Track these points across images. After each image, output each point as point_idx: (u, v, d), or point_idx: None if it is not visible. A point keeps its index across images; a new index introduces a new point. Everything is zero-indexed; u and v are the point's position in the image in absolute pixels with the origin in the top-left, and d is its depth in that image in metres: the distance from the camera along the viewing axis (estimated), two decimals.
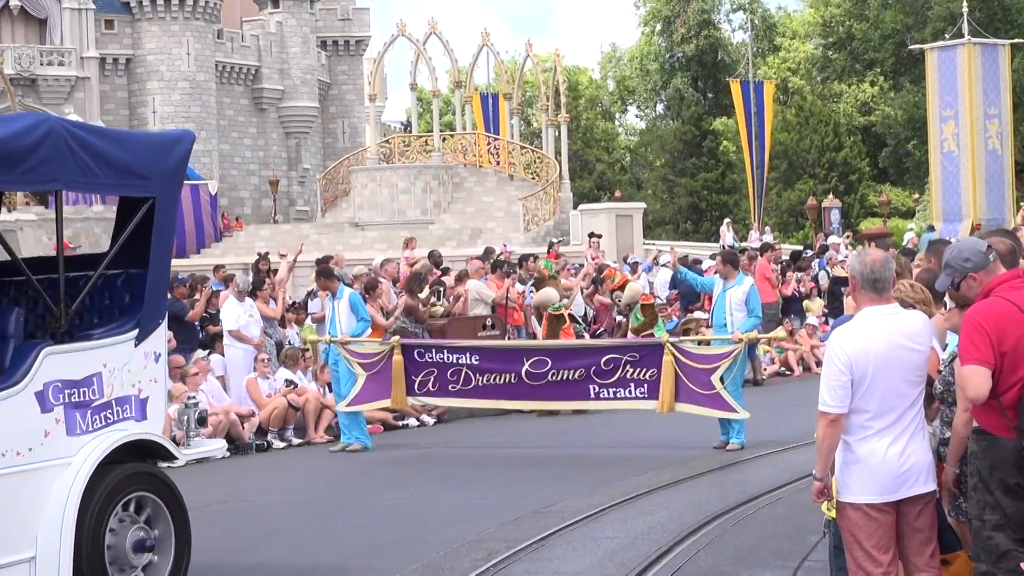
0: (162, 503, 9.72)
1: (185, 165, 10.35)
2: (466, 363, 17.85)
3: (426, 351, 18.13)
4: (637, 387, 17.14)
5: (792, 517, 12.53)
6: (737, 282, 17.77)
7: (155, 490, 9.70)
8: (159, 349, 10.08)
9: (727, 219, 56.63)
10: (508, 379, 17.67)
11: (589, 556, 11.37)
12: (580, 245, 39.53)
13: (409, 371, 17.98)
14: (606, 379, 17.23)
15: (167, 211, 9.97)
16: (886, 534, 7.17)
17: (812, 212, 58.60)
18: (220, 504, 15.09)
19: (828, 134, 77.32)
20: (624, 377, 17.15)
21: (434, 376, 17.90)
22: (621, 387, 17.19)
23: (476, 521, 12.99)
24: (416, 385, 17.99)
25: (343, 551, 12.10)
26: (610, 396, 17.32)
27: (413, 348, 18.29)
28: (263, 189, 68.94)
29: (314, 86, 73.60)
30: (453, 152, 53.05)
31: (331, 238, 47.87)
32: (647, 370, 17.05)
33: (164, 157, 9.97)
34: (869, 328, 7.16)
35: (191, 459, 11.84)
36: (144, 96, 65.83)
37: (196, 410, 10.87)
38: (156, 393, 10.03)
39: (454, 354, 17.93)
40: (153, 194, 9.82)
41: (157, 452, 10.04)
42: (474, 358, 17.84)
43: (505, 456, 17.80)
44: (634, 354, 17.26)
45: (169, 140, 10.28)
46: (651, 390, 17.06)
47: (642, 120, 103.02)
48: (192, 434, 10.86)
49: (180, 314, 20.63)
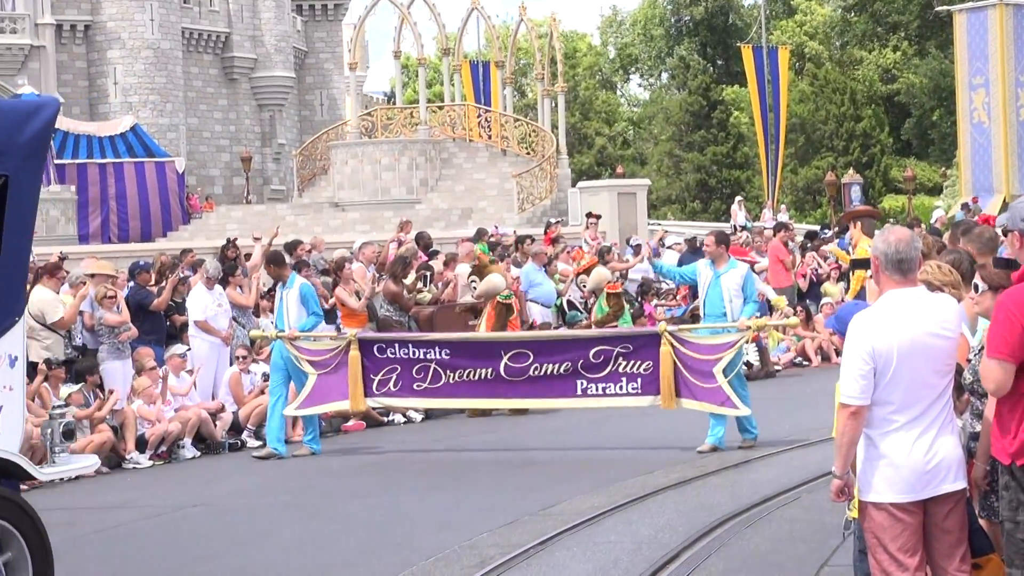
0: (13, 528, 9.19)
1: (48, 138, 9.84)
2: (435, 358, 17.48)
3: (388, 346, 17.75)
4: (630, 382, 16.88)
5: (810, 519, 12.55)
6: (731, 266, 17.19)
7: (5, 514, 9.16)
8: (15, 351, 9.45)
9: (739, 197, 56.66)
10: (484, 375, 17.37)
11: (591, 562, 11.39)
12: (579, 226, 39.51)
13: (368, 369, 17.59)
14: (595, 373, 16.93)
15: (25, 191, 9.41)
16: (912, 536, 7.18)
17: (831, 189, 58.61)
18: (190, 508, 15.14)
19: (845, 103, 77.30)
20: (615, 371, 16.87)
21: (397, 374, 17.54)
22: (612, 382, 16.93)
23: (468, 525, 13.01)
24: (375, 384, 17.61)
25: (323, 558, 12.12)
26: (599, 392, 17.03)
27: (373, 343, 17.91)
28: (235, 167, 68.87)
29: (289, 54, 73.51)
30: (441, 125, 53.04)
31: (309, 219, 47.87)
32: (641, 363, 16.78)
33: (20, 129, 9.38)
34: (893, 313, 7.16)
35: (56, 478, 11.26)
36: (104, 66, 65.71)
37: (62, 422, 10.23)
38: (12, 403, 9.39)
39: (421, 348, 17.57)
40: (6, 172, 9.27)
41: (11, 471, 9.48)
42: (444, 352, 17.49)
43: (498, 455, 17.77)
44: (627, 345, 16.95)
45: (27, 109, 9.67)
46: (645, 385, 16.81)
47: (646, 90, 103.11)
48: (57, 449, 10.19)
49: (145, 303, 20.61)
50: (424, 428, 20.52)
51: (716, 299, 17.08)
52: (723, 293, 16.99)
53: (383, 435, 20.04)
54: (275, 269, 18.56)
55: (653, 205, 70.11)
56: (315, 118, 75.02)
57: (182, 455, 18.54)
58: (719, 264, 17.15)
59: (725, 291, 16.98)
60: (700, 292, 17.47)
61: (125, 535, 13.89)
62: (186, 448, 18.68)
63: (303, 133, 72.01)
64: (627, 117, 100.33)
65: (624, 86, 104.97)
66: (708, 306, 17.29)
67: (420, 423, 20.81)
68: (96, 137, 52.13)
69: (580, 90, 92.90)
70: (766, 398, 22.89)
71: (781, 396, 22.91)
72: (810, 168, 76.77)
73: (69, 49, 65.67)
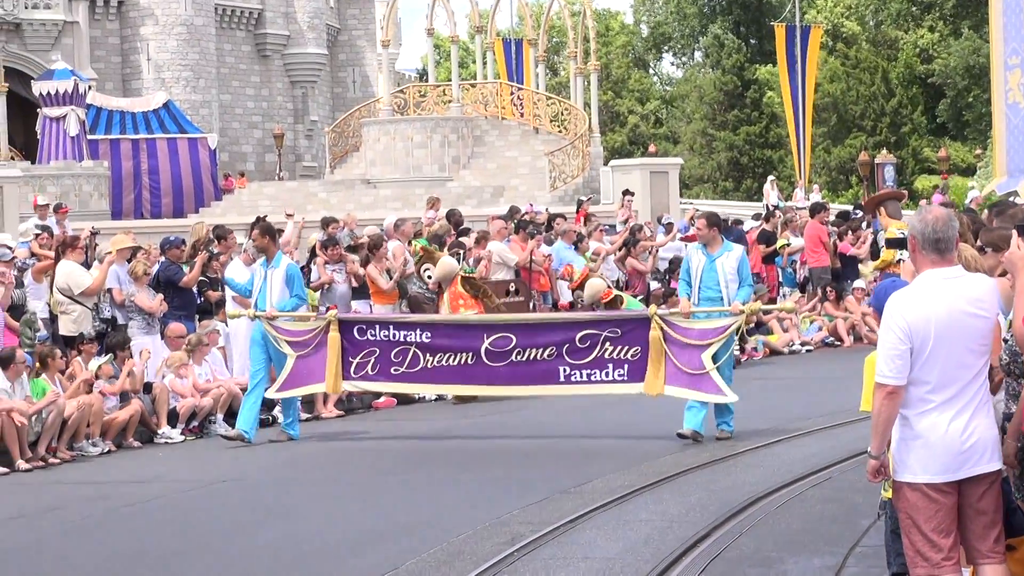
0: None
1: None
2: (414, 341, 16.97)
3: (368, 327, 17.27)
4: (616, 368, 16.33)
5: (842, 499, 12.53)
6: (726, 248, 16.49)
7: None
8: None
9: (771, 176, 56.50)
10: (464, 359, 16.84)
11: (621, 540, 11.38)
12: (611, 204, 39.44)
13: (347, 351, 17.11)
14: (580, 359, 16.38)
15: None
16: (947, 516, 7.14)
17: (864, 169, 58.37)
18: (221, 483, 15.18)
19: (877, 83, 76.98)
20: (602, 356, 16.31)
21: (375, 356, 17.05)
22: (598, 368, 16.37)
23: (498, 503, 13.01)
24: (353, 368, 17.12)
25: (354, 533, 12.14)
26: (583, 379, 16.46)
27: (353, 324, 17.43)
28: (267, 143, 68.91)
29: (322, 31, 73.48)
30: (473, 103, 52.95)
31: (341, 196, 47.87)
32: (629, 348, 16.24)
33: None
34: (930, 292, 7.12)
35: None
36: (137, 42, 65.74)
37: None
38: None
39: (401, 330, 17.08)
40: None
41: None
42: (424, 335, 16.98)
43: (527, 434, 17.74)
44: (615, 329, 16.40)
45: None
46: (633, 372, 16.25)
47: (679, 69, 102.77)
48: None
49: (175, 279, 20.58)
50: (453, 408, 20.40)
51: (711, 283, 16.39)
52: (719, 277, 16.31)
53: (411, 413, 20.04)
54: (265, 242, 17.87)
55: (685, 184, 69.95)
56: (347, 95, 74.98)
57: (214, 430, 18.56)
58: (712, 248, 16.47)
59: (721, 275, 16.31)
60: (693, 278, 16.59)
61: (156, 509, 13.93)
62: (218, 423, 18.72)
63: (335, 110, 71.97)
64: (660, 96, 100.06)
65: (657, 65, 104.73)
66: (703, 290, 16.51)
67: (450, 401, 20.64)
68: (129, 113, 52.21)
69: (613, 69, 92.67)
70: (799, 379, 22.87)
71: (813, 376, 22.88)
72: (843, 148, 76.49)
73: (102, 25, 65.72)
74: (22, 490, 15.30)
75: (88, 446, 17.37)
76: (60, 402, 16.90)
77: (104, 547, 12.18)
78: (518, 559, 10.71)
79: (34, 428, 16.68)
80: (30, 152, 52.17)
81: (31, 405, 16.63)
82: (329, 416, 19.86)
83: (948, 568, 7.15)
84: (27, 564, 11.70)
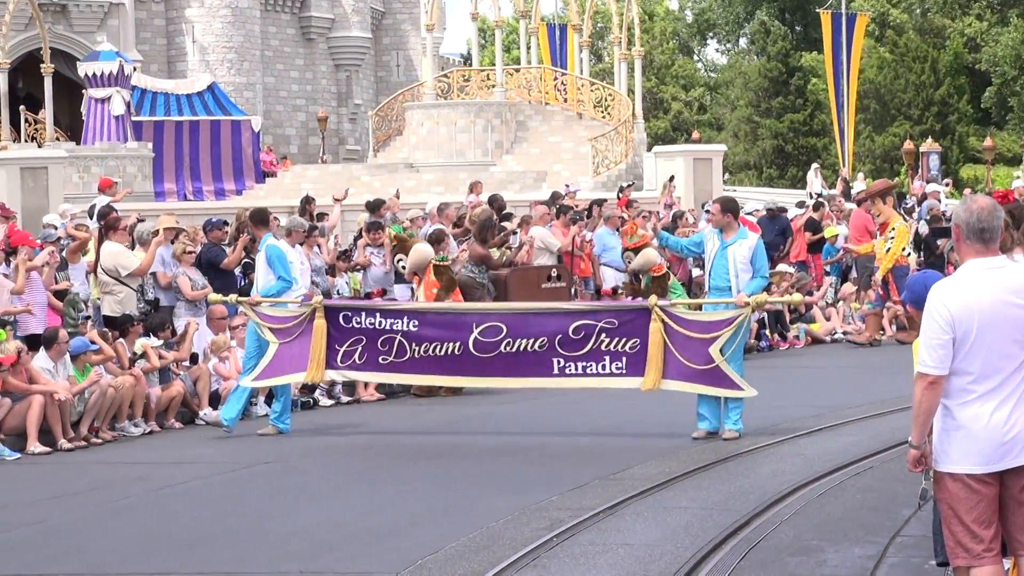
0: None
1: None
2: (401, 330, 16.39)
3: (354, 314, 16.65)
4: (613, 361, 15.65)
5: (883, 489, 12.49)
6: (740, 236, 15.76)
7: None
8: None
9: (815, 164, 56.27)
10: (451, 349, 16.22)
11: (660, 527, 11.37)
12: (654, 191, 39.36)
13: (333, 338, 16.56)
14: (574, 351, 15.72)
15: None
16: (988, 507, 7.11)
17: (909, 157, 58.12)
18: (262, 465, 15.22)
19: (926, 71, 76.62)
20: (597, 348, 15.64)
21: (363, 345, 16.50)
22: (593, 361, 15.69)
23: (536, 488, 13.00)
24: (340, 356, 16.54)
25: (393, 518, 12.15)
26: (578, 372, 15.81)
27: (339, 311, 16.79)
28: (311, 126, 69.02)
29: (366, 15, 73.52)
30: (517, 88, 52.91)
31: (384, 180, 47.85)
32: (627, 340, 15.56)
33: None
34: (974, 282, 7.08)
35: None
36: (182, 24, 65.88)
37: None
38: None
39: (388, 319, 16.50)
40: None
41: None
42: (412, 324, 16.39)
43: (564, 421, 17.68)
44: (611, 320, 15.72)
45: None
46: (631, 365, 15.59)
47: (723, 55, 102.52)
48: None
49: (217, 260, 20.64)
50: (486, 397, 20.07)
51: (721, 271, 15.78)
52: (729, 265, 15.67)
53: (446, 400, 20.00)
54: (253, 227, 17.62)
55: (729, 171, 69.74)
56: (391, 79, 75.00)
57: (255, 412, 18.60)
58: (727, 234, 15.76)
59: (731, 263, 15.64)
60: (706, 263, 16.22)
61: (197, 490, 13.99)
62: (259, 406, 18.76)
63: (379, 94, 72.00)
64: (704, 83, 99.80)
65: (701, 51, 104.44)
66: (713, 279, 15.98)
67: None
68: (173, 95, 52.33)
69: (657, 55, 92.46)
70: (841, 367, 22.81)
71: (855, 365, 22.80)
72: (887, 136, 76.15)
73: (148, 7, 65.88)
74: (64, 469, 15.40)
75: (130, 426, 17.46)
76: (103, 382, 16.99)
77: (143, 527, 12.24)
78: (557, 544, 10.73)
79: (77, 408, 16.78)
80: (75, 133, 52.37)
81: (74, 385, 16.73)
82: (370, 399, 19.90)
83: (989, 559, 7.12)
84: (67, 543, 11.76)
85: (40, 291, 18.37)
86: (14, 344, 16.55)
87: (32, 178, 33.18)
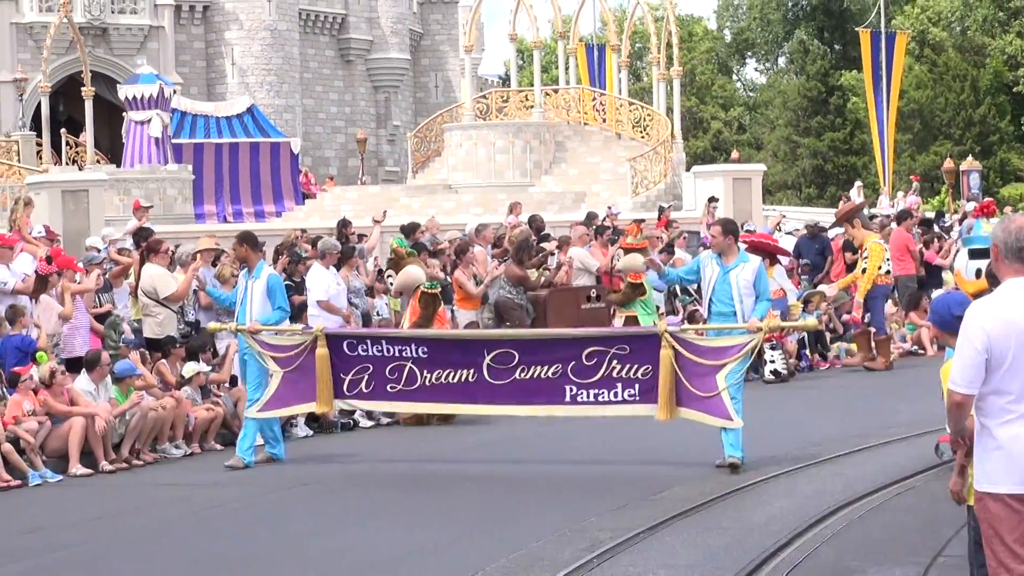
0: None
1: None
2: (411, 356, 15.97)
3: (359, 343, 16.25)
4: (626, 388, 15.28)
5: (924, 509, 12.47)
6: (741, 259, 15.50)
7: None
8: None
9: (857, 183, 56.14)
10: (464, 377, 15.83)
11: (701, 548, 11.37)
12: (694, 211, 39.34)
13: (337, 367, 16.13)
14: (587, 378, 15.35)
15: None
16: None
17: (949, 176, 57.95)
18: (301, 486, 15.27)
19: (966, 90, 76.39)
20: (610, 376, 15.27)
21: (369, 373, 16.08)
22: (606, 388, 15.32)
23: (575, 508, 13.03)
24: (346, 385, 16.15)
25: (433, 538, 12.19)
26: (590, 400, 15.45)
27: (342, 339, 16.40)
28: (350, 148, 69.26)
29: (405, 36, 73.79)
30: (555, 109, 52.98)
31: (422, 201, 48.00)
32: (639, 366, 15.21)
33: None
34: (1012, 302, 7.07)
35: None
36: (222, 47, 66.28)
37: None
38: None
39: (395, 346, 16.09)
40: None
41: None
42: (421, 350, 15.97)
43: (603, 440, 17.55)
44: (623, 346, 15.35)
45: None
46: (644, 392, 15.21)
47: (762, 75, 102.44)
48: None
49: None
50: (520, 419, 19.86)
51: (724, 297, 15.44)
52: (732, 290, 15.36)
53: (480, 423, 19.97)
54: (245, 251, 17.00)
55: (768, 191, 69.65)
56: (430, 100, 75.23)
57: (295, 434, 18.65)
58: (727, 258, 15.48)
59: (735, 288, 15.33)
60: (704, 289, 15.88)
61: (236, 511, 14.06)
62: (299, 427, 18.83)
63: (418, 115, 72.22)
64: (743, 102, 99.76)
65: (740, 70, 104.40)
66: (715, 304, 15.62)
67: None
68: (213, 117, 52.63)
69: (696, 74, 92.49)
70: (881, 388, 22.74)
71: (896, 385, 22.73)
72: (928, 155, 75.95)
73: (187, 30, 66.30)
74: (105, 491, 15.48)
75: (171, 448, 17.55)
76: (144, 404, 17.08)
77: (184, 549, 12.31)
78: (597, 566, 10.74)
79: (118, 430, 16.88)
80: (116, 156, 52.67)
81: (115, 407, 16.84)
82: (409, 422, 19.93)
83: None
84: (109, 564, 11.83)
85: (83, 314, 18.53)
86: (47, 366, 16.67)
87: (73, 201, 33.43)
